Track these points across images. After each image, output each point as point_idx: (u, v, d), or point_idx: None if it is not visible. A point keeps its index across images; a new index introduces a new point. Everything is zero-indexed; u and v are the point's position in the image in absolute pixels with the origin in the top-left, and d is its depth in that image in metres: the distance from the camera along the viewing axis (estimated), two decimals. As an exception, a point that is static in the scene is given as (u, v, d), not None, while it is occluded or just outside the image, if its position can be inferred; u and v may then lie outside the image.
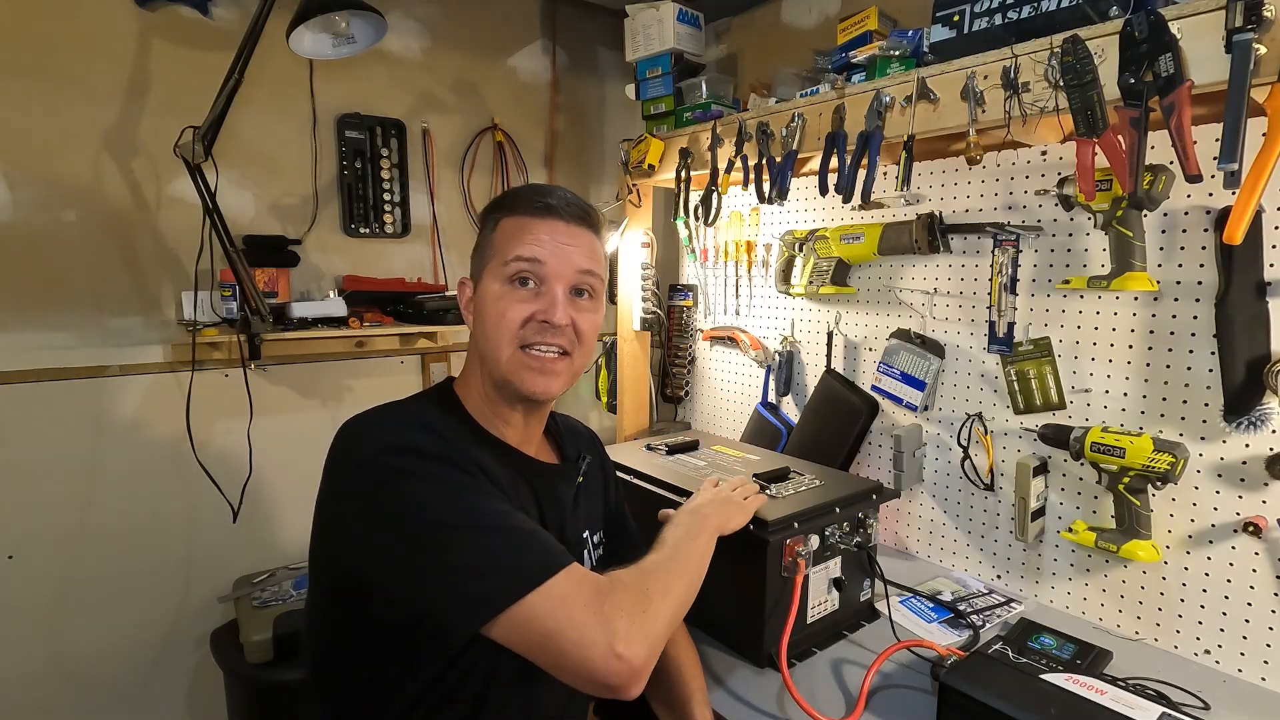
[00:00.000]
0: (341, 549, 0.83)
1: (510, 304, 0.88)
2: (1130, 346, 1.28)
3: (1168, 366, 1.24)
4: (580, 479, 1.03)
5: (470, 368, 0.96)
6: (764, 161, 1.58)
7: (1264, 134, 0.91)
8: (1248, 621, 1.16)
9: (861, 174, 1.37)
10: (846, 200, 1.39)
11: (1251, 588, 1.15)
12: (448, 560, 0.75)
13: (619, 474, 1.20)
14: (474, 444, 0.88)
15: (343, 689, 0.87)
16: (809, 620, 1.24)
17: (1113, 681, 0.95)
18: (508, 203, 0.94)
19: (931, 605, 1.39)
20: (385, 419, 0.86)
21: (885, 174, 1.57)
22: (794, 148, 1.51)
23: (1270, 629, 1.14)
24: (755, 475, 1.36)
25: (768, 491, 1.30)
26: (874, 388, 1.68)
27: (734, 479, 1.24)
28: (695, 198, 1.83)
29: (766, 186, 1.57)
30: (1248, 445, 1.15)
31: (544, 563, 0.75)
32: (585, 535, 1.04)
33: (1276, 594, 1.13)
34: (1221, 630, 1.19)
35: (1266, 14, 0.88)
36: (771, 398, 1.96)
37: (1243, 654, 1.17)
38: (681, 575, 0.87)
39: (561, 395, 0.95)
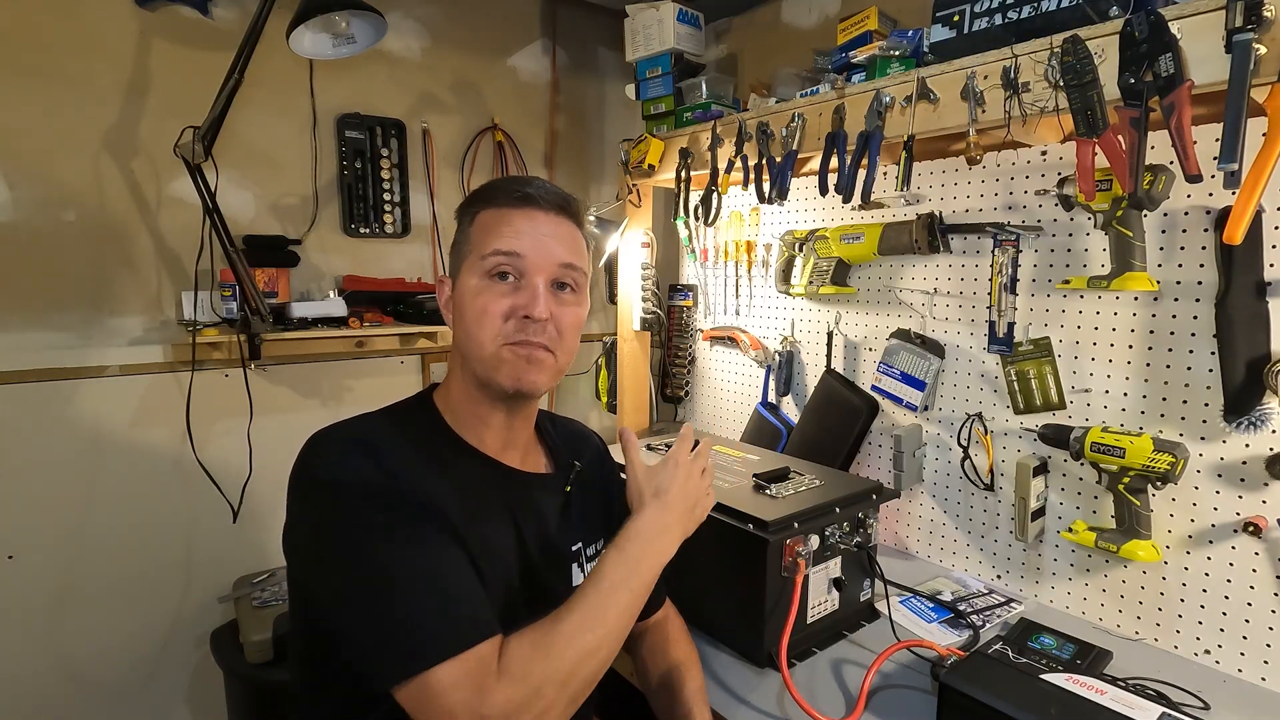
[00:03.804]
0: (298, 566, 0.84)
1: (491, 299, 0.84)
2: (1130, 346, 1.28)
3: (1168, 366, 1.24)
4: (569, 488, 0.98)
5: (452, 369, 0.93)
6: (764, 161, 1.58)
7: (1264, 134, 0.90)
8: (1248, 621, 1.16)
9: (861, 174, 1.37)
10: (846, 200, 1.39)
11: (1251, 588, 1.16)
12: (361, 618, 0.73)
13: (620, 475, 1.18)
14: (435, 460, 0.85)
15: (323, 700, 0.87)
16: (809, 620, 1.24)
17: (1113, 681, 0.95)
18: (485, 194, 0.90)
19: (931, 605, 1.39)
20: (339, 444, 0.82)
21: (885, 174, 1.57)
22: (794, 148, 1.51)
23: (1270, 629, 1.14)
24: (755, 475, 1.36)
25: (767, 492, 1.30)
26: (874, 388, 1.68)
27: (681, 449, 0.94)
28: (695, 198, 1.83)
29: (766, 186, 1.57)
30: (1248, 445, 1.15)
31: (436, 645, 0.70)
32: (578, 547, 0.98)
33: (1276, 594, 1.13)
34: (1221, 630, 1.19)
35: (1266, 14, 0.88)
36: (771, 398, 1.96)
37: (1243, 654, 1.17)
38: (594, 651, 0.74)
39: (547, 392, 0.91)
